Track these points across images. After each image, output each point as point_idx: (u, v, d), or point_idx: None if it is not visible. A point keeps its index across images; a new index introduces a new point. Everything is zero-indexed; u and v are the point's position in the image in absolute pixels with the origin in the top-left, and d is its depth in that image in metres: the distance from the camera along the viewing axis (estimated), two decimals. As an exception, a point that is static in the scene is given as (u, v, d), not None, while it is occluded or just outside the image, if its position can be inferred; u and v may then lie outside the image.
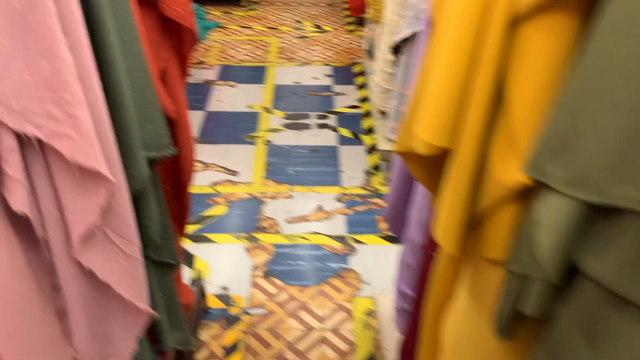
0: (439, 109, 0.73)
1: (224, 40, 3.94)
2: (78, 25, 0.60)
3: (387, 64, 2.46)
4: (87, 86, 0.62)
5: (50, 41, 0.53)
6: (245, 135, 2.82)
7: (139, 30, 1.03)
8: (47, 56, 0.53)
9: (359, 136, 2.84)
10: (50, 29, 0.52)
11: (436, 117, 0.74)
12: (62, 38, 0.54)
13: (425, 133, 0.76)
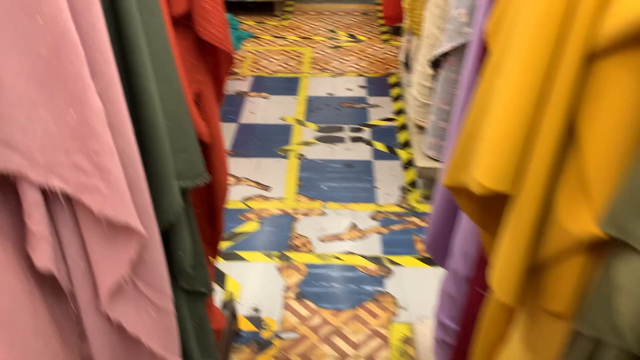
0: (501, 152, 0.66)
1: (257, 50, 3.92)
2: (110, 67, 0.56)
3: (425, 77, 2.38)
4: (118, 132, 0.57)
5: (79, 88, 0.49)
6: (277, 148, 2.78)
7: (174, 55, 0.99)
8: (74, 105, 0.49)
9: (394, 150, 2.76)
10: (78, 75, 0.48)
11: (497, 160, 0.67)
12: (91, 84, 0.50)
13: (484, 176, 0.69)
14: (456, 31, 2.01)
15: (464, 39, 2.01)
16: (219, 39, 1.08)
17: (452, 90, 2.14)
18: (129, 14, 0.78)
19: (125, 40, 0.80)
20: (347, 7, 4.76)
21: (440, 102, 2.19)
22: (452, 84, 2.13)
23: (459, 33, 2.01)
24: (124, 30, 0.79)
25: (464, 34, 2.00)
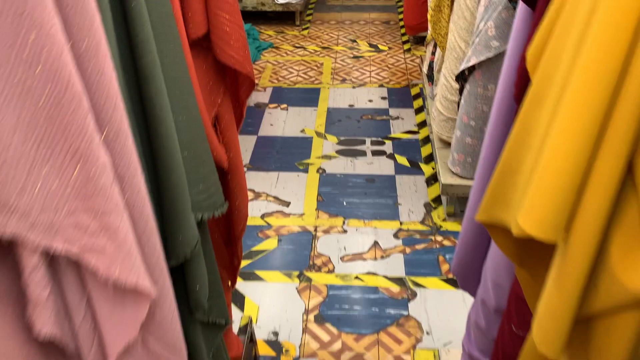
0: (552, 200, 0.59)
1: (277, 60, 3.88)
2: (118, 114, 0.51)
3: (450, 90, 2.30)
4: (127, 184, 0.52)
5: (82, 142, 0.44)
6: (297, 162, 2.72)
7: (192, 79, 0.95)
8: (78, 160, 0.44)
9: (417, 165, 2.69)
10: (81, 127, 0.43)
11: (547, 208, 0.60)
12: (96, 137, 0.45)
13: (530, 225, 0.62)
14: (484, 45, 1.94)
15: (492, 53, 1.93)
16: (239, 62, 1.03)
17: (478, 105, 2.06)
18: (145, 42, 0.74)
19: (141, 69, 0.75)
20: (368, 16, 4.71)
21: (465, 116, 2.12)
22: (479, 99, 2.05)
23: (487, 47, 1.93)
24: (139, 59, 0.74)
25: (492, 48, 1.92)
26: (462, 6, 2.12)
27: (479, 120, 2.09)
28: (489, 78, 2.00)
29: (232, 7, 0.99)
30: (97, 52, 0.48)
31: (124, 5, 0.72)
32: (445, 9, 2.25)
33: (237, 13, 1.01)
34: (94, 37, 0.48)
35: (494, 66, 1.98)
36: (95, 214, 0.46)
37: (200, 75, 1.06)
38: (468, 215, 1.30)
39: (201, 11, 0.98)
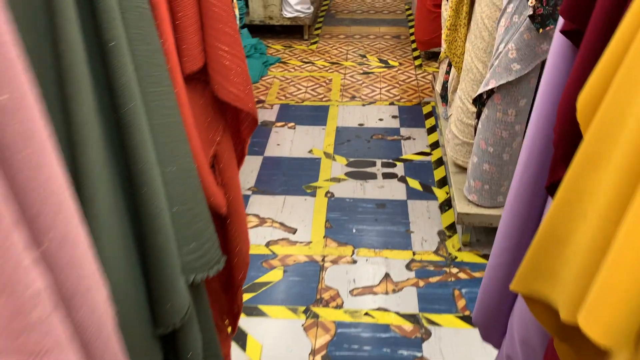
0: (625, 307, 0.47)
1: (285, 76, 3.79)
2: (65, 213, 0.39)
3: (465, 114, 2.18)
4: (78, 302, 0.41)
5: (5, 268, 0.33)
6: (305, 185, 2.61)
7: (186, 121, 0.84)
8: (5, 290, 0.33)
9: (430, 189, 2.56)
10: (6, 248, 0.32)
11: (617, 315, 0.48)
12: (26, 257, 0.34)
13: (594, 330, 0.50)
14: (504, 68, 1.82)
15: (513, 76, 1.81)
16: (240, 98, 0.92)
17: (497, 130, 1.94)
18: (126, 87, 0.63)
19: (122, 118, 0.64)
20: (377, 30, 4.61)
21: (483, 142, 1.99)
22: (498, 124, 1.93)
23: (507, 70, 1.82)
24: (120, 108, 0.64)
25: (513, 71, 1.81)
26: (480, 26, 2.01)
27: (497, 146, 1.97)
28: (509, 102, 1.88)
29: (232, 38, 0.88)
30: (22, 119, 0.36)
31: (101, 45, 0.62)
32: (461, 29, 2.14)
33: (238, 44, 0.90)
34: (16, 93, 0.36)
35: (514, 90, 1.86)
36: (27, 356, 0.35)
37: (197, 112, 0.95)
38: (493, 263, 1.17)
39: (197, 43, 0.87)
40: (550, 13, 1.67)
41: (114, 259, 0.66)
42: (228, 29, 0.87)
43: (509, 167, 2.03)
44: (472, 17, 2.07)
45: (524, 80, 1.84)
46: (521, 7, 1.74)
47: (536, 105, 0.97)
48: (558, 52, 0.88)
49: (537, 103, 0.96)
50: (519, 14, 1.75)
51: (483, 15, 1.99)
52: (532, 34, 1.74)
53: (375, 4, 5.31)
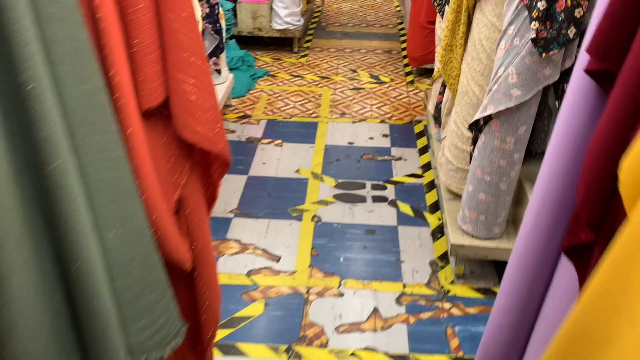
0: None
1: (273, 90, 3.66)
2: None
3: (460, 139, 2.07)
4: None
5: None
6: (291, 207, 2.47)
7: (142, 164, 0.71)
8: None
9: (422, 214, 2.44)
10: None
11: None
12: None
13: None
14: (503, 93, 1.71)
15: (513, 102, 1.70)
16: (208, 138, 0.79)
17: (494, 158, 1.83)
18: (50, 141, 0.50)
19: (47, 179, 0.51)
20: (369, 44, 4.51)
21: (479, 170, 1.88)
22: (495, 152, 1.82)
23: (507, 95, 1.70)
24: (43, 167, 0.50)
25: (513, 97, 1.69)
26: (478, 47, 1.90)
27: (494, 175, 1.85)
28: (508, 130, 1.77)
29: (199, 68, 0.75)
30: None
31: (17, 88, 0.48)
32: (457, 49, 2.03)
33: (206, 76, 0.77)
34: None
35: (513, 116, 1.74)
36: None
37: (158, 152, 0.82)
38: (497, 322, 1.04)
39: (156, 74, 0.74)
40: (555, 37, 1.57)
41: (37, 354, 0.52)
42: (194, 58, 0.74)
43: (506, 197, 1.91)
44: (469, 37, 1.96)
45: (524, 106, 1.72)
46: (523, 30, 1.63)
47: (551, 151, 0.85)
48: (579, 92, 0.76)
49: (553, 149, 0.84)
50: (520, 37, 1.64)
51: (481, 36, 1.88)
52: (534, 58, 1.63)
53: (367, 17, 5.21)
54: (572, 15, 1.53)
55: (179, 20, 0.71)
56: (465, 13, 1.92)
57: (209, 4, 2.87)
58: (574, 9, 1.52)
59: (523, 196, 2.01)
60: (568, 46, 1.61)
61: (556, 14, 1.55)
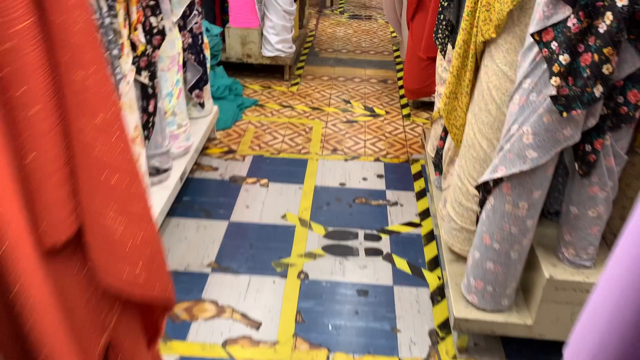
0: None
1: (261, 122, 3.44)
2: None
3: (465, 196, 1.85)
4: None
5: None
6: (275, 261, 2.24)
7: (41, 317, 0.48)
8: None
9: (420, 272, 2.21)
10: None
11: None
12: None
13: None
14: (516, 154, 1.50)
15: (528, 165, 1.49)
16: (138, 284, 0.56)
17: (505, 225, 1.61)
18: None
19: None
20: (363, 72, 4.32)
21: (487, 237, 1.66)
22: (506, 218, 1.60)
23: (521, 157, 1.49)
24: None
25: (528, 159, 1.48)
26: (486, 97, 1.70)
27: (504, 243, 1.64)
28: (521, 194, 1.56)
29: (126, 192, 0.53)
30: None
31: None
32: (463, 97, 1.82)
33: (136, 200, 0.54)
34: None
35: (527, 180, 1.53)
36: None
37: (73, 291, 0.59)
38: None
39: (63, 200, 0.51)
40: (578, 95, 1.36)
41: None
42: (118, 178, 0.51)
43: (517, 267, 1.69)
44: (477, 85, 1.76)
45: (540, 169, 1.51)
46: (541, 85, 1.43)
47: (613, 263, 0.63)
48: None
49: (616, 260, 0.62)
50: (537, 92, 1.43)
51: (490, 85, 1.68)
52: (554, 117, 1.42)
53: (361, 43, 5.04)
54: (599, 72, 1.33)
55: (93, 130, 0.48)
56: (473, 59, 1.72)
57: (191, 33, 2.66)
58: (601, 64, 1.32)
59: (534, 260, 1.79)
60: (593, 104, 1.41)
61: (580, 70, 1.35)
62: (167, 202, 2.32)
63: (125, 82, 1.92)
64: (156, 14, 2.13)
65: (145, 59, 2.10)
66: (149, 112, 2.19)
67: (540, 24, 1.37)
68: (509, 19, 1.56)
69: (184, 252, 2.27)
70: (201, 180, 2.79)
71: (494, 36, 1.60)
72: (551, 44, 1.38)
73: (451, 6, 2.06)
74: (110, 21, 1.69)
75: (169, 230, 2.39)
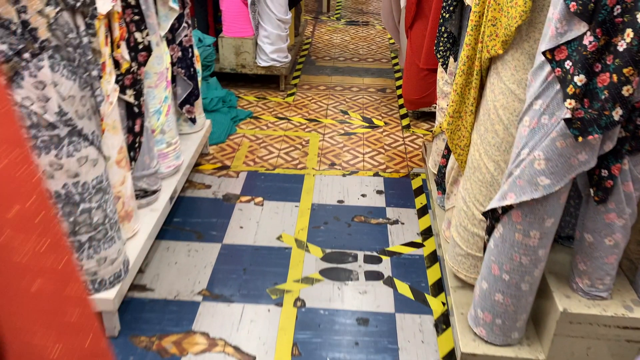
0: None
1: (256, 135, 3.33)
2: None
3: (471, 220, 1.74)
4: None
5: None
6: (270, 287, 2.12)
7: None
8: None
9: (423, 297, 2.10)
10: None
11: None
12: None
13: None
14: (527, 180, 1.39)
15: (539, 193, 1.38)
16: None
17: (515, 255, 1.49)
18: None
19: None
20: (361, 81, 4.21)
21: (496, 267, 1.54)
22: (516, 247, 1.48)
23: (532, 184, 1.38)
24: None
25: (540, 187, 1.37)
26: (492, 117, 1.58)
27: (514, 274, 1.52)
28: (532, 222, 1.44)
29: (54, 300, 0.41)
30: None
31: None
32: (467, 116, 1.71)
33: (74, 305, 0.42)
34: None
35: (539, 207, 1.42)
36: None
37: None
38: None
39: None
40: (595, 118, 1.25)
41: None
42: (43, 285, 0.39)
43: (527, 299, 1.57)
44: (482, 103, 1.65)
45: (553, 196, 1.40)
46: (553, 106, 1.31)
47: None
48: None
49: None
50: (549, 115, 1.32)
51: (497, 105, 1.56)
52: (568, 141, 1.31)
53: (358, 50, 4.93)
54: (619, 93, 1.21)
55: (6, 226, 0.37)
56: (478, 76, 1.61)
57: (181, 46, 2.54)
58: (621, 85, 1.20)
59: (545, 289, 1.68)
60: (611, 128, 1.29)
61: (598, 91, 1.24)
62: (156, 225, 2.20)
63: (108, 102, 1.81)
64: (141, 29, 2.02)
65: (131, 77, 1.99)
66: (135, 132, 2.07)
67: (553, 41, 1.26)
68: (517, 34, 1.45)
69: (173, 278, 2.15)
70: (193, 199, 2.67)
71: (501, 52, 1.49)
72: (565, 62, 1.26)
73: (453, 18, 1.95)
74: (89, 40, 1.58)
75: (159, 255, 2.28)
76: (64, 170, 1.59)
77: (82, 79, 1.56)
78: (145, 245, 2.08)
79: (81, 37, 1.55)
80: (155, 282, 2.13)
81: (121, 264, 1.85)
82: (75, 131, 1.57)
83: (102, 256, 1.76)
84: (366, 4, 6.64)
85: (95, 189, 1.68)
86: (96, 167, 1.67)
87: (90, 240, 1.72)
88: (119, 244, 1.82)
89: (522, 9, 1.37)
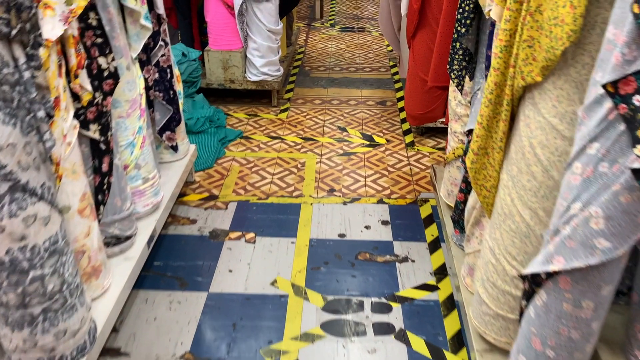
0: None
1: (246, 158, 3.04)
2: None
3: (501, 276, 1.46)
4: None
5: None
6: (264, 348, 1.83)
7: None
8: None
9: (442, 355, 1.81)
10: None
11: None
12: None
13: None
14: (581, 242, 1.10)
15: (597, 259, 1.09)
16: None
17: (562, 328, 1.21)
18: None
19: None
20: (359, 93, 3.93)
21: (538, 341, 1.26)
22: (564, 319, 1.20)
23: (587, 246, 1.09)
24: None
25: (598, 251, 1.08)
26: (528, 156, 1.30)
27: (562, 350, 1.24)
28: (585, 291, 1.16)
29: None
30: None
31: None
32: (494, 154, 1.42)
33: None
34: None
35: (594, 274, 1.13)
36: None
37: None
38: None
39: None
40: (674, 169, 0.97)
41: None
42: None
43: (577, 377, 1.29)
44: (514, 139, 1.36)
45: (614, 260, 1.12)
46: (616, 152, 1.03)
47: None
48: None
49: None
50: (610, 162, 1.04)
51: (533, 142, 1.28)
52: (635, 195, 1.02)
53: (355, 58, 4.65)
54: None
55: None
56: (508, 107, 1.33)
57: (158, 67, 2.25)
58: None
59: (592, 356, 1.39)
60: (691, 179, 1.01)
61: (677, 134, 0.96)
62: (132, 276, 1.91)
63: (65, 143, 1.52)
64: (105, 53, 1.73)
65: (94, 110, 1.70)
66: (102, 172, 1.78)
67: (618, 71, 0.98)
68: (561, 58, 1.17)
69: (152, 338, 1.86)
70: (176, 237, 2.38)
71: (540, 80, 1.21)
72: (633, 98, 0.98)
73: (469, 32, 1.67)
74: (32, 74, 1.29)
75: (136, 309, 1.98)
76: (7, 234, 1.30)
77: (25, 122, 1.27)
78: (119, 300, 1.79)
79: (21, 71, 1.26)
80: (131, 344, 1.84)
81: (85, 334, 1.56)
82: (19, 186, 1.28)
83: (61, 329, 1.47)
84: (361, 9, 6.37)
85: (48, 252, 1.39)
86: (48, 226, 1.38)
87: (45, 312, 1.43)
88: (82, 312, 1.53)
89: (570, 28, 1.09)
